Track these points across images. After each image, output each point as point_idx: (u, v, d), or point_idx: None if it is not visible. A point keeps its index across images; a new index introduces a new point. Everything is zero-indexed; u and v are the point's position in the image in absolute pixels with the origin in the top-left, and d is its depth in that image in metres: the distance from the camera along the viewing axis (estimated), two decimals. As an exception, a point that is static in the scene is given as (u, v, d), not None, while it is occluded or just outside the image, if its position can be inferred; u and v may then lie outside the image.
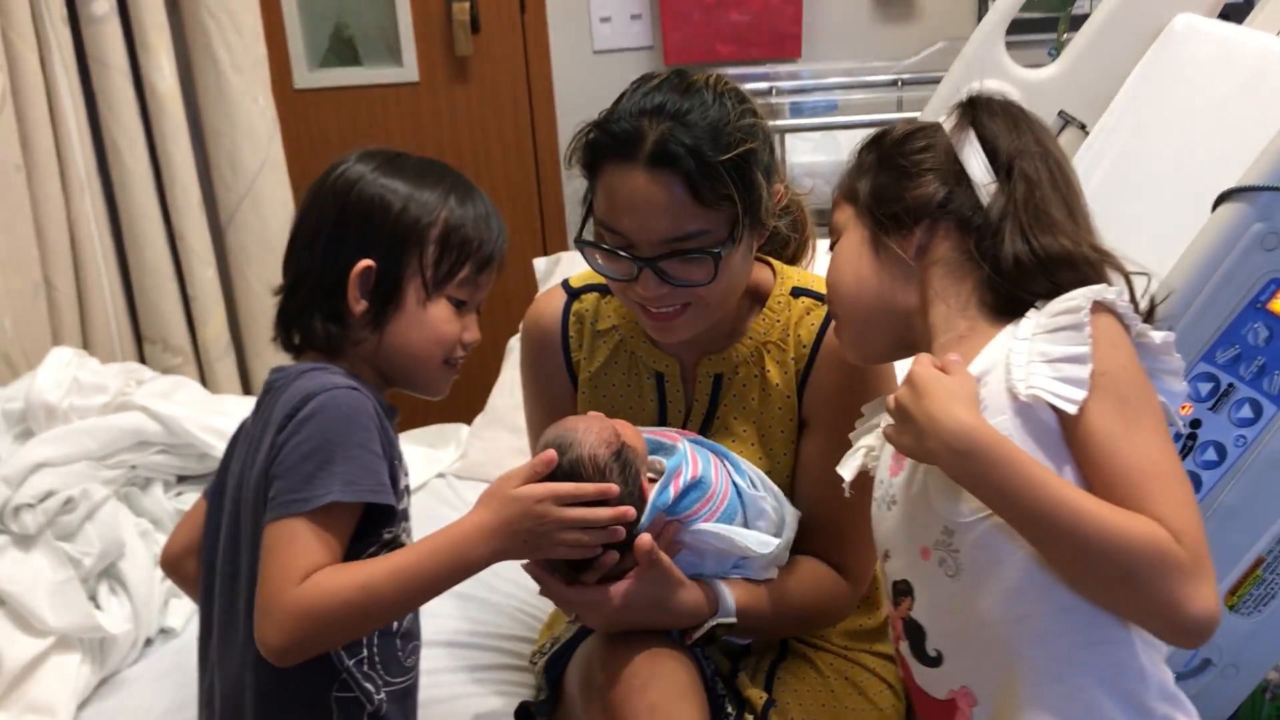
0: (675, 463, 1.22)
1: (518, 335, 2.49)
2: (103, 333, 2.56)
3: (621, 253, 1.24)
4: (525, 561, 1.20)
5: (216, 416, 2.06)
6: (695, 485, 1.22)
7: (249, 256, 2.67)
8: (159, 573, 1.85)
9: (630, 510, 1.14)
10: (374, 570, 1.07)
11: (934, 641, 1.00)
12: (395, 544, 1.15)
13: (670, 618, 1.23)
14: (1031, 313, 1.00)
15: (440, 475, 2.35)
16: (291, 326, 1.20)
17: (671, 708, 1.16)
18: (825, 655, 1.40)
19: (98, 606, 1.77)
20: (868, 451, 1.14)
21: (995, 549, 0.94)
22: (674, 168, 1.19)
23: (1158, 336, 0.97)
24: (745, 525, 1.26)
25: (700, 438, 1.34)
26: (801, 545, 1.35)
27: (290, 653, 1.05)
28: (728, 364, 1.37)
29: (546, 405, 1.47)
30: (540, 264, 2.64)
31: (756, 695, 1.30)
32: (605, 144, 1.23)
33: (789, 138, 2.58)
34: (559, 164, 2.90)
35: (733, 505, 1.25)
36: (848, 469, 1.15)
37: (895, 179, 1.09)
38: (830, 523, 1.34)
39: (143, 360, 2.66)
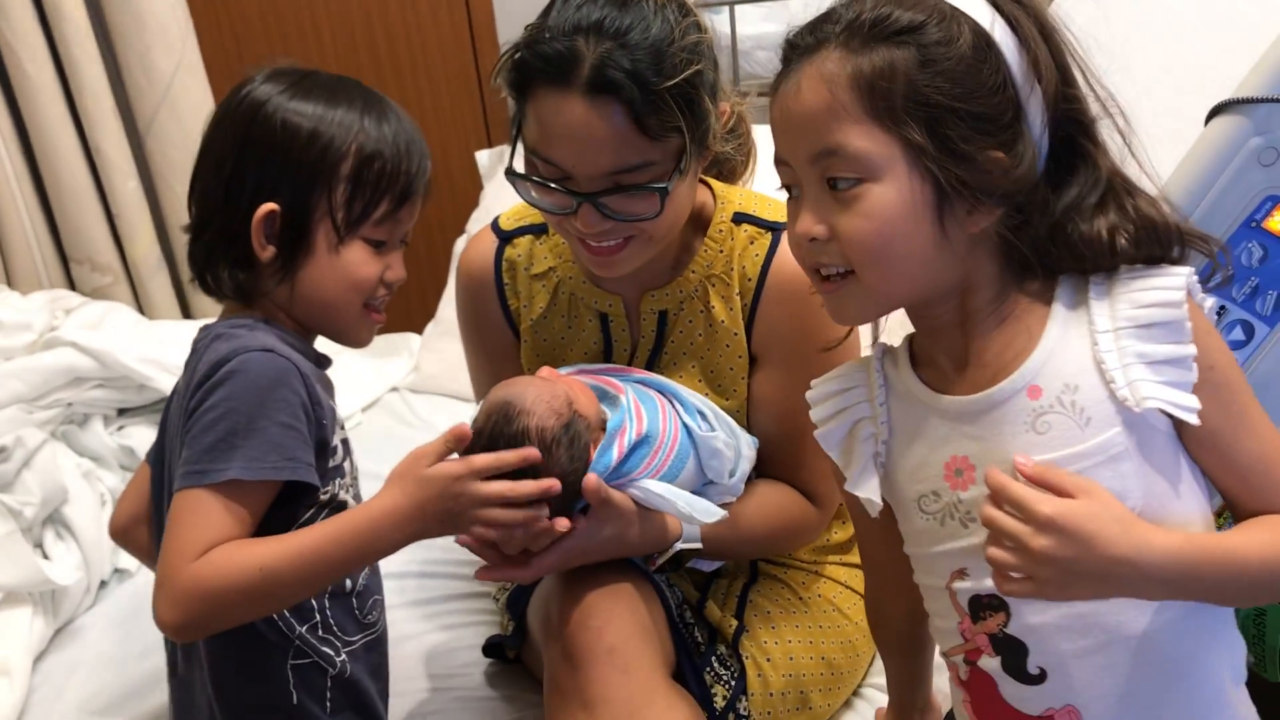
0: (618, 421, 1.15)
1: (464, 238, 2.43)
2: (24, 257, 2.42)
3: (557, 186, 1.15)
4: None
5: (152, 345, 1.96)
6: (642, 442, 1.16)
7: (173, 166, 2.51)
8: (106, 514, 1.79)
9: (555, 483, 1.06)
10: (274, 551, 1.00)
11: (1038, 659, 0.89)
12: (335, 503, 1.09)
13: (630, 550, 1.19)
14: (1095, 291, 0.87)
15: (394, 389, 2.28)
16: (203, 271, 1.11)
17: (630, 647, 1.13)
18: (797, 573, 1.38)
19: (45, 556, 1.72)
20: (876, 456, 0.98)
21: None
22: (615, 96, 1.09)
23: (1208, 303, 0.88)
24: (699, 466, 1.21)
25: (647, 375, 1.27)
26: (763, 473, 1.31)
27: (184, 630, 1.00)
28: (672, 300, 1.30)
29: (488, 357, 1.40)
30: (483, 157, 2.53)
31: (727, 624, 1.28)
32: (536, 66, 1.12)
33: (737, 7, 2.43)
34: (499, 48, 2.74)
35: (684, 451, 1.19)
36: (869, 496, 0.96)
37: (965, 117, 0.83)
38: (790, 454, 1.30)
39: (71, 283, 2.53)
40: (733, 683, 1.23)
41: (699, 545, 1.23)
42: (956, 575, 0.91)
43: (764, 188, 1.30)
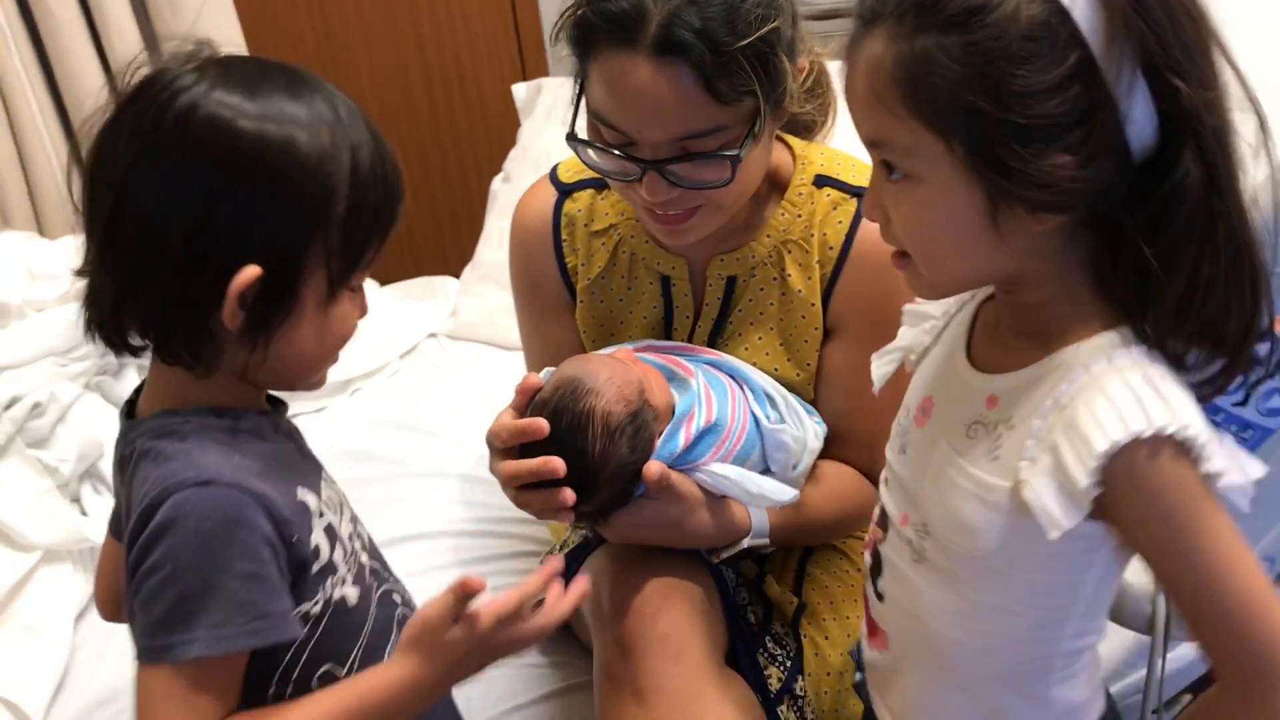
0: (686, 406, 1.09)
1: (501, 177, 2.35)
2: (54, 200, 2.37)
3: (621, 152, 1.08)
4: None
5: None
6: (710, 430, 1.10)
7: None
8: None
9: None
10: None
11: (883, 584, 0.92)
12: (332, 604, 0.90)
13: (697, 538, 1.13)
14: (1108, 358, 0.75)
15: (431, 335, 2.22)
16: (128, 327, 0.84)
17: (685, 638, 1.08)
18: (856, 543, 1.32)
19: (82, 511, 1.69)
20: (905, 355, 1.00)
21: (964, 571, 0.84)
22: (683, 57, 1.01)
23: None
24: (763, 456, 1.15)
25: (718, 355, 1.20)
26: (829, 452, 1.25)
27: None
28: (743, 265, 1.22)
29: (541, 316, 1.33)
30: (520, 91, 2.43)
31: (787, 600, 1.23)
32: (598, 25, 1.03)
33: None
34: (532, -26, 2.63)
35: (750, 441, 1.13)
36: (879, 371, 1.00)
37: (1017, 128, 0.71)
38: (859, 432, 1.23)
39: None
40: (788, 663, 1.18)
41: (766, 541, 1.17)
42: (884, 483, 0.94)
43: (846, 144, 1.21)
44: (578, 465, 1.02)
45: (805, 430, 1.18)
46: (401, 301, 2.32)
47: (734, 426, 1.11)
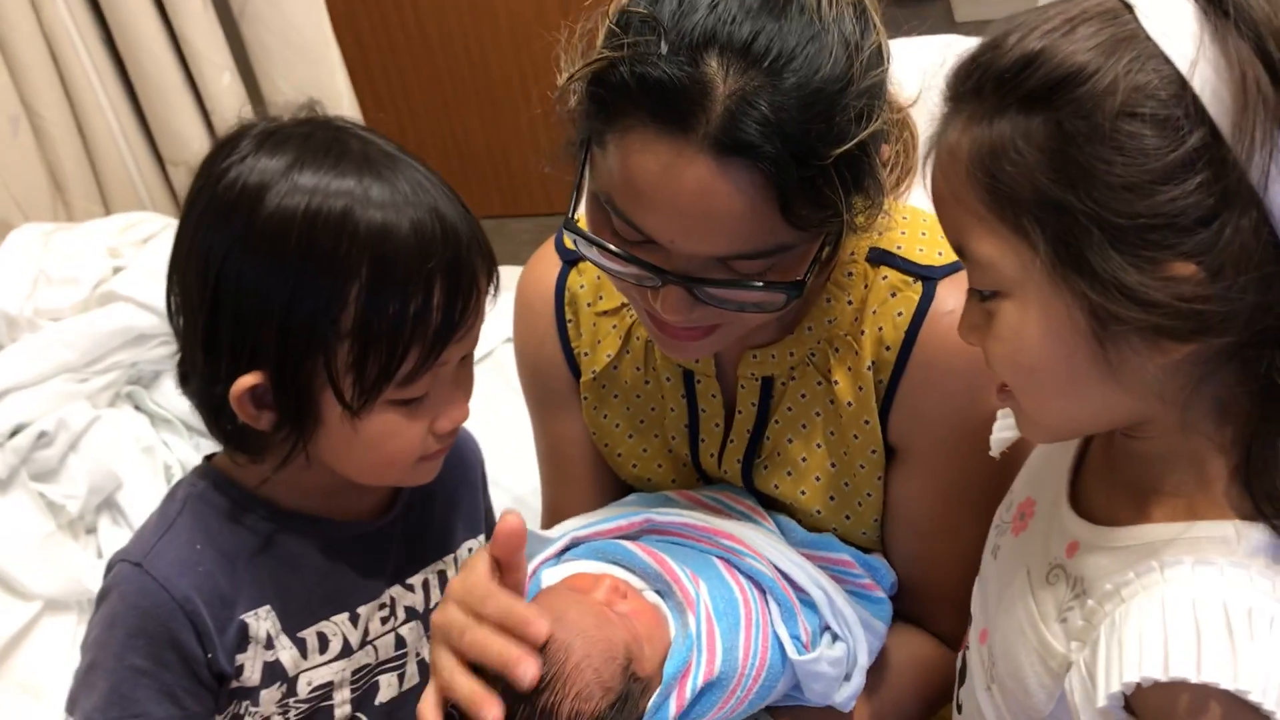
0: (681, 661, 0.81)
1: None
2: (114, 163, 2.21)
3: (639, 259, 0.78)
4: None
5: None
6: (712, 686, 0.81)
7: (270, 54, 2.22)
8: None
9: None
10: None
11: (964, 696, 0.82)
12: (275, 718, 0.85)
13: None
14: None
15: (508, 340, 1.96)
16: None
17: None
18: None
19: (98, 550, 1.53)
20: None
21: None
22: (754, 162, 0.70)
23: None
24: (793, 686, 0.87)
25: (739, 543, 0.90)
26: (903, 609, 0.96)
27: None
28: (779, 365, 0.92)
29: (545, 414, 1.07)
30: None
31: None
32: (636, 94, 0.72)
33: None
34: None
35: (771, 681, 0.85)
36: (1000, 435, 0.82)
37: (1121, 231, 0.58)
38: (940, 585, 0.93)
39: (170, 188, 2.30)
40: None
41: None
42: (978, 579, 0.83)
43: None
44: None
45: (854, 639, 0.89)
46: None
47: (746, 672, 0.83)
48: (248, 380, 0.75)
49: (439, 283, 0.74)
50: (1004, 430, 0.82)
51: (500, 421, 1.71)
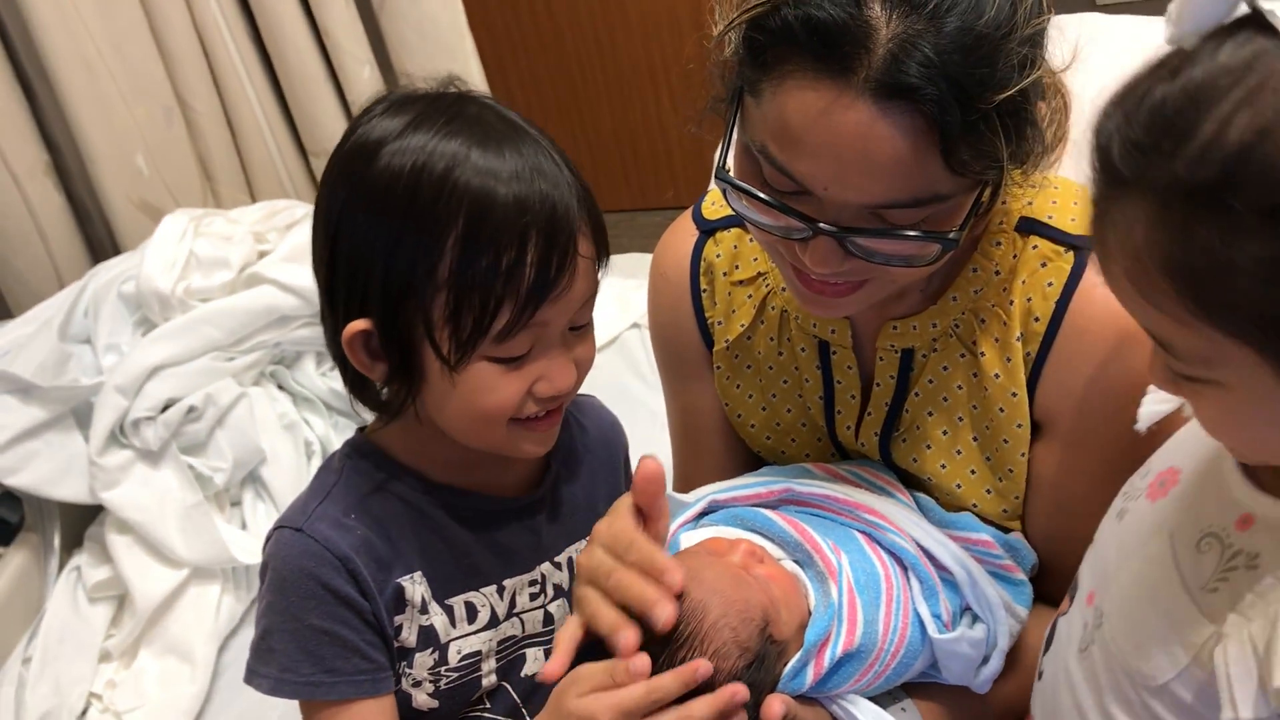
0: (821, 629, 0.79)
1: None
2: (260, 153, 2.29)
3: (789, 206, 0.77)
4: None
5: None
6: (851, 657, 0.80)
7: (408, 47, 2.27)
8: (311, 468, 1.65)
9: (739, 694, 0.73)
10: None
11: (1046, 662, 0.81)
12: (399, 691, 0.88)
13: None
14: None
15: (635, 325, 1.97)
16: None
17: None
18: None
19: (242, 522, 1.60)
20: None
21: (1113, 691, 0.71)
22: (916, 106, 0.69)
23: None
24: (930, 664, 0.85)
25: (882, 518, 0.88)
26: (1042, 590, 0.93)
27: None
28: (921, 336, 0.90)
29: (678, 384, 1.07)
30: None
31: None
32: (798, 36, 0.71)
33: None
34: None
35: (910, 657, 0.83)
36: (1150, 409, 0.78)
37: None
38: (1066, 564, 0.89)
39: (313, 178, 2.39)
40: None
41: None
42: (1093, 543, 0.81)
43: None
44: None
45: (996, 621, 0.86)
46: (623, 279, 2.02)
47: (885, 647, 0.81)
48: (358, 325, 0.78)
49: (534, 239, 0.75)
50: (1157, 404, 0.78)
51: (627, 402, 1.72)
